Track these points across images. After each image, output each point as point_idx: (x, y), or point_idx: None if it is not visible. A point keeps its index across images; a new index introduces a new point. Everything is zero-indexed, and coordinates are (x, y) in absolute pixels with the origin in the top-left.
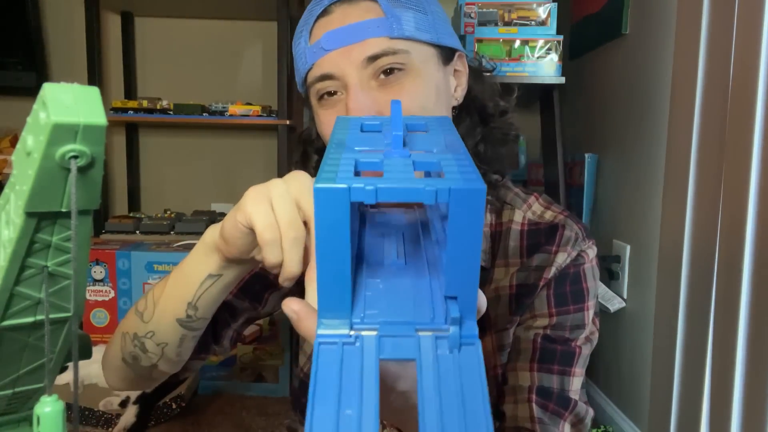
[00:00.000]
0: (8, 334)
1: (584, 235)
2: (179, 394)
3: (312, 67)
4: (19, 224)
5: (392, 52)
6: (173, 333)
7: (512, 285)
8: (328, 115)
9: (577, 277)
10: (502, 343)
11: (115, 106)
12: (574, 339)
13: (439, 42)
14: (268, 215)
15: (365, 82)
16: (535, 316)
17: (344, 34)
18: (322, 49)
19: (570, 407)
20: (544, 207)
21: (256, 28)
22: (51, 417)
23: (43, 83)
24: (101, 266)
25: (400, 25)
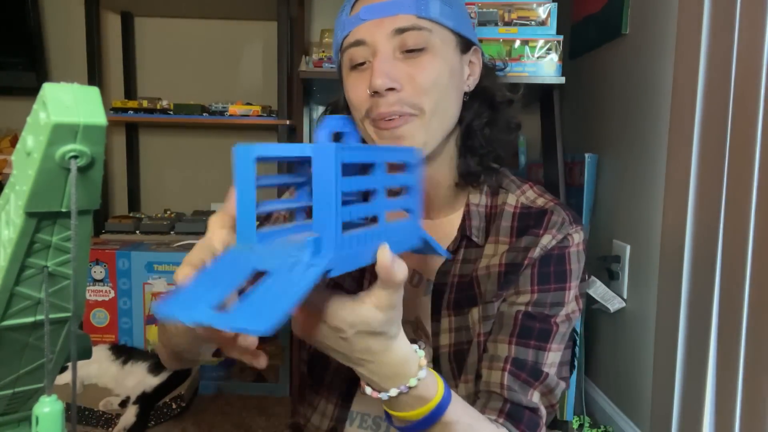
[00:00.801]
0: (8, 334)
1: (571, 221)
2: (179, 394)
3: (348, 34)
4: (19, 224)
5: (418, 27)
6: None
7: (501, 264)
8: (358, 80)
9: (561, 258)
10: (487, 314)
11: (115, 106)
12: (553, 316)
13: (459, 31)
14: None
15: (391, 52)
16: (519, 293)
17: (379, 7)
18: (360, 18)
19: (541, 378)
20: (537, 194)
21: (256, 28)
22: (50, 417)
23: (43, 83)
24: (101, 266)
25: (428, 8)
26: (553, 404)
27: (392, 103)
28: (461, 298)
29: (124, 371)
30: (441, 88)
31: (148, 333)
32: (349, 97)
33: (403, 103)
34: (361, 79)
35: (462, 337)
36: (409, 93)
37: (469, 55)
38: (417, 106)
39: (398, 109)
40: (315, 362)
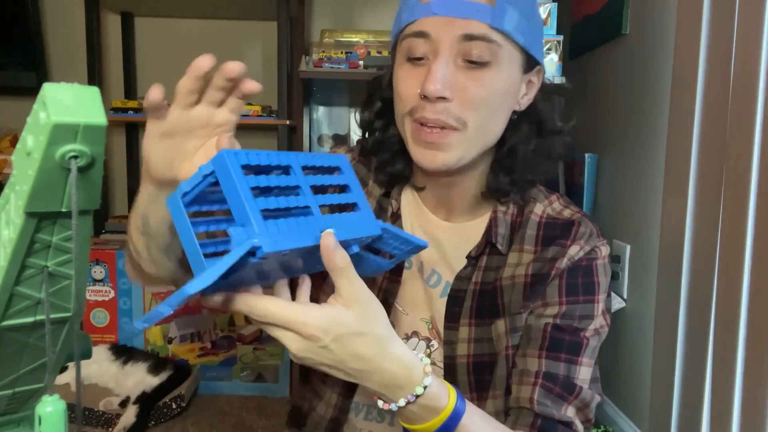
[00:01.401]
0: (8, 334)
1: (598, 233)
2: (179, 394)
3: (414, 22)
4: (19, 224)
5: (488, 39)
6: (138, 240)
7: (528, 274)
8: (410, 74)
9: (589, 270)
10: (514, 326)
11: (115, 106)
12: (582, 329)
13: (528, 49)
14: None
15: (452, 57)
16: (546, 304)
17: (455, 5)
18: (431, 10)
19: (575, 392)
20: (564, 206)
21: (256, 28)
22: (53, 417)
23: (43, 83)
24: (101, 266)
25: (503, 19)
26: (590, 419)
27: (439, 112)
28: (483, 308)
29: (124, 371)
30: (491, 107)
31: (148, 333)
32: (397, 88)
33: (449, 114)
34: (414, 74)
35: (483, 349)
36: (457, 105)
37: (531, 74)
38: (461, 120)
39: (443, 119)
40: None
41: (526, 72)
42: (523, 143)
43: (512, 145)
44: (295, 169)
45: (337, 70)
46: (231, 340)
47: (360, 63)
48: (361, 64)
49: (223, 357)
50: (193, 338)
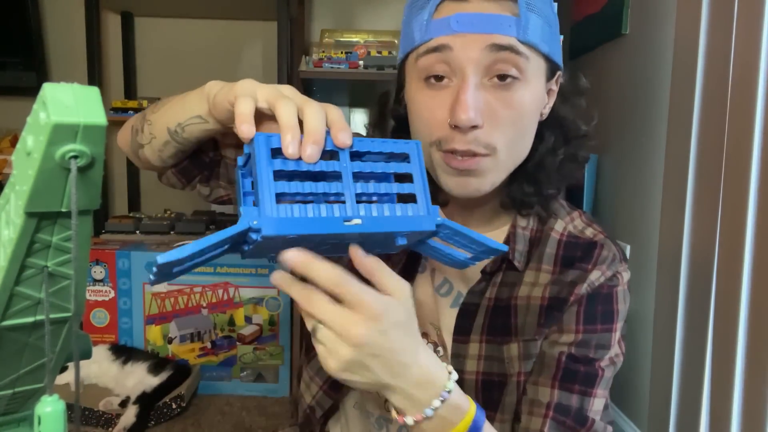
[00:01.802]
0: (8, 334)
1: (621, 258)
2: (179, 394)
3: (430, 40)
4: (19, 224)
5: (517, 51)
6: (162, 134)
7: (544, 297)
8: (433, 99)
9: (609, 297)
10: (529, 353)
11: (115, 106)
12: (598, 359)
13: (552, 57)
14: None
15: (479, 78)
16: (562, 331)
17: (477, 20)
18: (450, 27)
19: (587, 425)
20: (586, 224)
21: (256, 28)
22: (52, 417)
23: (43, 83)
24: (101, 266)
25: (528, 30)
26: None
27: (469, 141)
28: (495, 326)
29: (124, 371)
30: (519, 127)
31: (148, 333)
32: (419, 114)
33: (478, 142)
34: (438, 100)
35: (494, 368)
36: (486, 131)
37: (551, 82)
38: (490, 146)
39: (473, 148)
40: None
41: (549, 80)
42: (551, 154)
43: (540, 156)
44: (343, 155)
45: (337, 70)
46: (231, 340)
47: (360, 63)
48: (361, 64)
49: (223, 357)
50: (193, 338)
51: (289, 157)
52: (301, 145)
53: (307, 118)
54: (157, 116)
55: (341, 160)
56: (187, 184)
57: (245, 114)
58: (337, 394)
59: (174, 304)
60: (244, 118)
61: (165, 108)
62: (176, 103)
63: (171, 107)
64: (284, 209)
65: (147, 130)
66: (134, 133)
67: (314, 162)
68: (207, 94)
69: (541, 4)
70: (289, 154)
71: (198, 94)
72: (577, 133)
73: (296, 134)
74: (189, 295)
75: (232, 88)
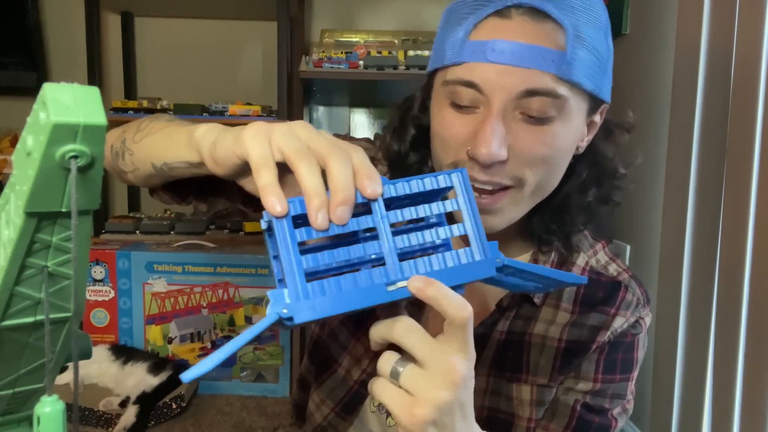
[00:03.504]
0: (8, 334)
1: (645, 301)
2: (179, 394)
3: (461, 64)
4: (19, 224)
5: (553, 95)
6: (145, 168)
7: (562, 339)
8: (457, 121)
9: (631, 346)
10: (542, 399)
11: (115, 106)
12: (612, 409)
13: (597, 94)
14: (264, 149)
15: (510, 111)
16: (579, 378)
17: (514, 51)
18: (485, 56)
19: None
20: (609, 258)
21: (256, 28)
22: (51, 417)
23: (43, 83)
24: (101, 266)
25: (572, 67)
26: None
27: (492, 174)
28: (505, 360)
29: (124, 371)
30: (552, 163)
31: (148, 333)
32: (440, 132)
33: (504, 174)
34: (462, 122)
35: (500, 405)
36: (514, 165)
37: (594, 115)
38: (517, 178)
39: (496, 181)
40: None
41: (591, 114)
42: (580, 192)
43: (567, 193)
44: (375, 206)
45: (337, 70)
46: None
47: (360, 63)
48: (361, 64)
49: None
50: (193, 338)
51: (317, 228)
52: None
53: (333, 174)
54: (139, 147)
55: (374, 213)
56: (182, 201)
57: (271, 186)
58: (349, 416)
59: (174, 304)
60: (271, 190)
61: (147, 141)
62: (159, 139)
63: (154, 142)
64: (316, 289)
65: (129, 159)
66: (114, 156)
67: (345, 224)
68: (198, 143)
69: (594, 34)
70: (318, 225)
71: (185, 139)
72: (613, 174)
73: (324, 200)
74: (189, 295)
75: (239, 140)
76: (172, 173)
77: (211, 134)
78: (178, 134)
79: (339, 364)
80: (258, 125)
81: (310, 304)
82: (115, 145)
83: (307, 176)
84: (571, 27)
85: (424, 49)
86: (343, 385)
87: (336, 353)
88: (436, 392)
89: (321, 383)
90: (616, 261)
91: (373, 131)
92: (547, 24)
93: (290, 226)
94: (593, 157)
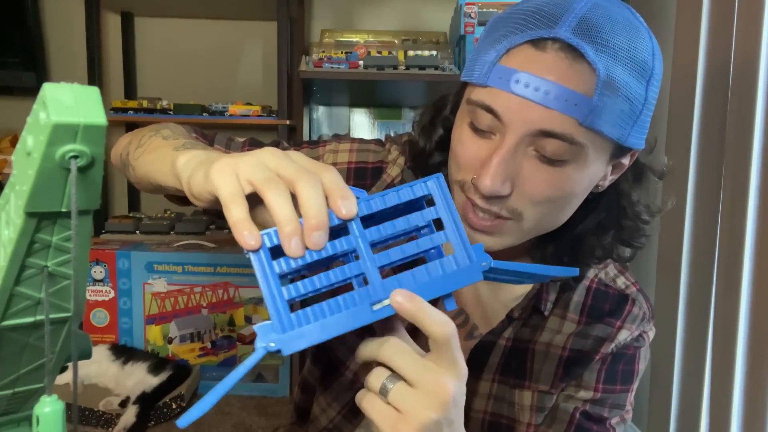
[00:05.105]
0: (8, 334)
1: (650, 316)
2: (179, 394)
3: (485, 87)
4: (19, 224)
5: (569, 140)
6: (146, 183)
7: (566, 347)
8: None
9: (632, 358)
10: (542, 405)
11: (115, 106)
12: (610, 418)
13: (624, 142)
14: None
15: (524, 146)
16: (580, 387)
17: (540, 87)
18: (509, 86)
19: None
20: (618, 271)
21: (256, 28)
22: (51, 417)
23: (43, 83)
24: (101, 266)
25: (597, 116)
26: None
27: (491, 204)
28: (510, 367)
29: (124, 371)
30: (558, 204)
31: (148, 333)
32: (454, 148)
33: (502, 207)
34: (476, 145)
35: (502, 410)
36: (516, 200)
37: (623, 157)
38: (516, 212)
39: (495, 211)
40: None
41: (616, 158)
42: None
43: (583, 231)
44: (352, 226)
45: (337, 70)
46: (231, 340)
47: (360, 63)
48: (361, 64)
49: (223, 357)
50: (193, 338)
51: (292, 256)
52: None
53: (303, 200)
54: (139, 164)
55: (351, 233)
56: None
57: (240, 221)
58: (356, 418)
59: (174, 304)
60: (241, 225)
61: (144, 160)
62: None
63: (148, 163)
64: (301, 318)
65: (132, 173)
66: (122, 165)
67: (322, 248)
68: (178, 175)
69: (630, 80)
70: (292, 253)
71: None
72: (635, 220)
73: (295, 228)
74: (189, 295)
75: (208, 177)
76: (169, 192)
77: (188, 168)
78: (166, 160)
79: (346, 367)
80: (224, 161)
81: (297, 333)
82: (122, 154)
83: (276, 205)
84: (604, 71)
85: (424, 49)
86: (351, 388)
87: (344, 356)
88: (424, 412)
89: (327, 386)
90: (625, 274)
91: (373, 131)
92: (581, 65)
93: (268, 258)
94: (615, 197)
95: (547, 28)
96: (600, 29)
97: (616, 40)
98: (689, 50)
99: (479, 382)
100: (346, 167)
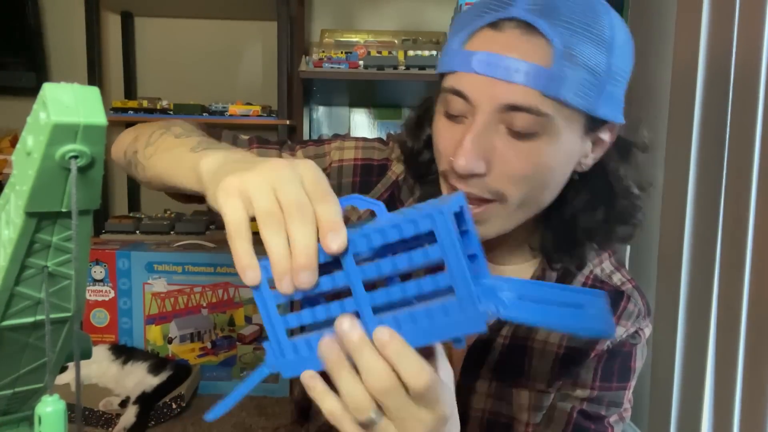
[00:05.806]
0: (8, 334)
1: (646, 312)
2: (179, 394)
3: (453, 73)
4: (19, 224)
5: (534, 112)
6: (157, 182)
7: (561, 345)
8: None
9: (628, 355)
10: (540, 404)
11: (115, 106)
12: (608, 416)
13: (592, 112)
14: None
15: (494, 124)
16: (577, 385)
17: (500, 64)
18: (471, 66)
19: None
20: (614, 268)
21: (256, 28)
22: (53, 417)
23: (43, 83)
24: (101, 266)
25: (559, 86)
26: None
27: (471, 186)
28: (506, 367)
29: (124, 371)
30: (538, 180)
31: (148, 333)
32: (435, 141)
33: (482, 188)
34: (451, 132)
35: (501, 409)
36: (494, 179)
37: (601, 132)
38: (498, 192)
39: (476, 194)
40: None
41: (591, 131)
42: (587, 211)
43: (573, 210)
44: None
45: (337, 70)
46: (231, 340)
47: (360, 63)
48: (361, 64)
49: (223, 357)
50: (193, 338)
51: (283, 294)
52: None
53: (292, 239)
54: (150, 164)
55: (345, 268)
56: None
57: (242, 255)
58: None
59: (174, 304)
60: (242, 259)
61: (156, 160)
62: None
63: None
64: (299, 346)
65: (141, 173)
66: (127, 164)
67: (311, 287)
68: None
69: (590, 51)
70: (283, 291)
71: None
72: (626, 194)
73: (286, 267)
74: (189, 295)
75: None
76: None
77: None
78: (184, 162)
79: None
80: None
81: (295, 360)
82: (127, 153)
83: (271, 244)
84: (561, 44)
85: (424, 49)
86: None
87: None
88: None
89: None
90: (621, 271)
91: (373, 131)
92: (538, 39)
93: (266, 289)
94: (603, 176)
95: (503, 10)
96: (554, 5)
97: (571, 13)
98: (690, 49)
99: (478, 381)
100: (353, 163)
